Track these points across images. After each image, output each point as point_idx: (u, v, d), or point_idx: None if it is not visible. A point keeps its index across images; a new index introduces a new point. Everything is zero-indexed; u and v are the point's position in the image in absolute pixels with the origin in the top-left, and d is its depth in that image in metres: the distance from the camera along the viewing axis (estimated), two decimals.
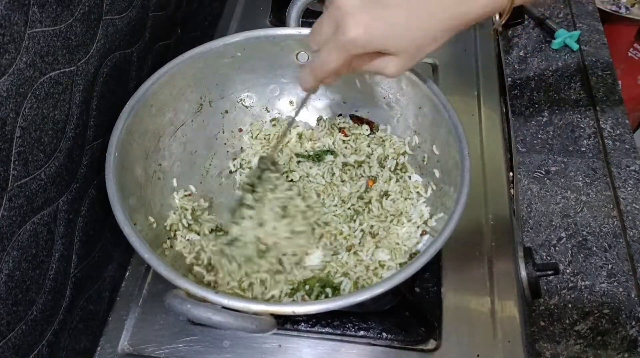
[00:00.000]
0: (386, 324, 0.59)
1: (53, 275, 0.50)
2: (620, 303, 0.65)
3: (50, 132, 0.47)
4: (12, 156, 0.42)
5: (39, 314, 0.48)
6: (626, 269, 0.68)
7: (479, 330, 0.58)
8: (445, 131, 0.58)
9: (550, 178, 0.77)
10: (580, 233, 0.71)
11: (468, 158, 0.53)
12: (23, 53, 0.42)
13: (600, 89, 0.88)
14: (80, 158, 0.53)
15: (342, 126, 0.71)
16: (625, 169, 0.78)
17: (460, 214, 0.50)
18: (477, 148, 0.74)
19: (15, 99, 0.42)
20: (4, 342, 0.43)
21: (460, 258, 0.63)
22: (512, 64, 0.92)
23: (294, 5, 0.65)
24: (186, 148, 0.67)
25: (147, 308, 0.60)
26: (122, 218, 0.49)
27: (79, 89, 0.51)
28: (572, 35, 0.95)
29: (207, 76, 0.65)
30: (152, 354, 0.57)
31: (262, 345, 0.57)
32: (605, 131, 0.83)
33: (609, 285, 0.67)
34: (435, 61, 0.86)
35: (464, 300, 0.60)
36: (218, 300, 0.43)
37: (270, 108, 0.73)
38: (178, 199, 0.64)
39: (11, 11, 0.40)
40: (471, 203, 0.51)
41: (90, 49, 0.53)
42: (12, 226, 0.43)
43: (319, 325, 0.59)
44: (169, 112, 0.63)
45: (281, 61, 0.68)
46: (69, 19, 0.48)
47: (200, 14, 0.89)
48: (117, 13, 0.58)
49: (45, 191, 0.47)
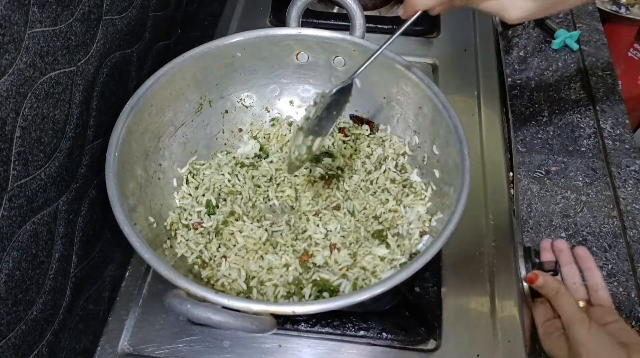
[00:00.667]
0: (386, 324, 0.59)
1: (53, 275, 0.50)
2: (620, 303, 0.65)
3: (50, 133, 0.47)
4: (12, 156, 0.42)
5: (39, 314, 0.48)
6: (626, 269, 0.68)
7: (479, 330, 0.58)
8: (445, 131, 0.58)
9: (550, 178, 0.77)
10: (580, 233, 0.71)
11: (468, 158, 0.53)
12: (23, 53, 0.42)
13: (600, 89, 0.88)
14: (80, 158, 0.53)
15: (342, 126, 0.71)
16: (625, 169, 0.78)
17: (460, 214, 0.50)
18: (477, 148, 0.74)
19: (15, 99, 0.42)
20: (4, 342, 0.43)
21: (460, 258, 0.63)
22: (512, 64, 0.92)
23: (294, 5, 0.65)
24: (186, 148, 0.67)
25: (147, 308, 0.60)
26: (122, 218, 0.49)
27: (79, 89, 0.51)
28: (572, 35, 0.95)
29: (207, 76, 0.65)
30: (152, 354, 0.57)
31: (262, 345, 0.57)
32: (605, 131, 0.83)
33: (609, 285, 0.67)
34: (435, 61, 0.86)
35: (464, 300, 0.60)
36: (218, 300, 0.43)
37: (270, 108, 0.73)
38: (178, 199, 0.64)
39: (11, 11, 0.40)
40: (471, 203, 0.51)
41: (90, 49, 0.53)
42: (12, 226, 0.43)
43: (319, 325, 0.59)
44: (169, 112, 0.63)
45: (281, 61, 0.68)
46: (69, 19, 0.48)
47: (200, 14, 0.89)
48: (117, 13, 0.58)
49: (45, 191, 0.47)
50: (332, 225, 0.62)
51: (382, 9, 0.98)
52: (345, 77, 0.69)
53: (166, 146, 0.64)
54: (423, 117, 0.64)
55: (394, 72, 0.64)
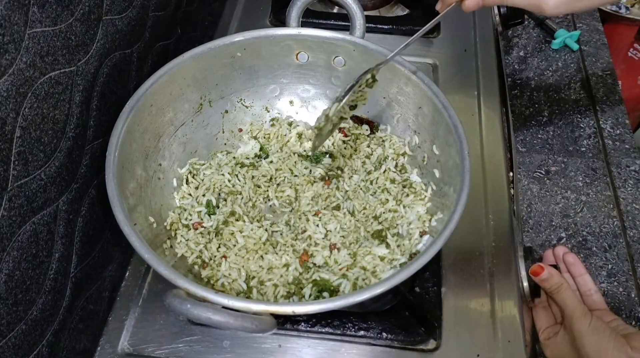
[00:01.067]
0: (386, 324, 0.59)
1: (53, 275, 0.50)
2: (620, 303, 0.65)
3: (50, 133, 0.47)
4: (12, 156, 0.42)
5: (39, 314, 0.48)
6: (626, 269, 0.68)
7: (479, 330, 0.58)
8: (445, 131, 0.58)
9: (550, 178, 0.77)
10: (580, 233, 0.71)
11: (468, 158, 0.54)
12: (23, 53, 0.42)
13: (600, 89, 0.88)
14: (80, 158, 0.53)
15: (342, 126, 0.71)
16: (625, 169, 0.78)
17: (460, 214, 0.50)
18: (477, 148, 0.74)
19: (15, 99, 0.42)
20: (4, 342, 0.43)
21: (460, 258, 0.63)
22: (512, 64, 0.92)
23: (294, 5, 0.65)
24: (186, 148, 0.67)
25: (147, 308, 0.60)
26: (122, 218, 0.49)
27: (79, 89, 0.51)
28: (572, 35, 0.95)
29: (207, 76, 0.65)
30: (152, 354, 0.57)
31: (262, 345, 0.57)
32: (605, 131, 0.83)
33: (609, 285, 0.67)
34: (435, 61, 0.86)
35: (464, 300, 0.60)
36: (218, 300, 0.43)
37: (270, 108, 0.73)
38: (178, 199, 0.64)
39: (11, 11, 0.40)
40: (471, 203, 0.51)
41: (90, 49, 0.53)
42: (12, 226, 0.43)
43: (319, 325, 0.59)
44: (169, 112, 0.63)
45: (281, 61, 0.69)
46: (69, 19, 0.48)
47: (200, 14, 0.89)
48: (117, 13, 0.58)
49: (45, 191, 0.47)
50: (332, 224, 0.62)
51: (382, 9, 0.98)
52: (346, 77, 0.69)
53: (166, 146, 0.63)
54: (423, 117, 0.64)
55: (394, 72, 0.64)
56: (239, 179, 0.67)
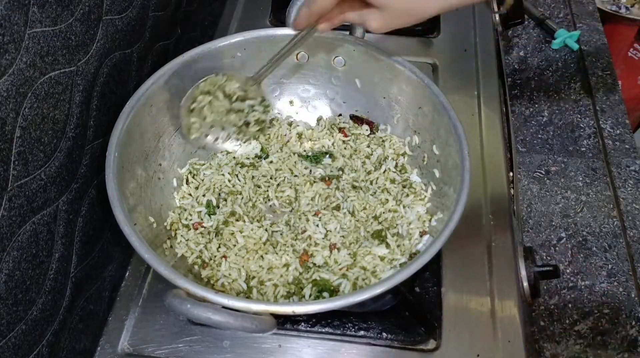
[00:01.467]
0: (386, 324, 0.59)
1: (53, 275, 0.50)
2: (620, 303, 0.65)
3: (50, 133, 0.47)
4: (12, 156, 0.42)
5: (39, 314, 0.48)
6: (626, 269, 0.68)
7: (479, 330, 0.58)
8: (445, 131, 0.58)
9: (550, 178, 0.77)
10: (580, 233, 0.71)
11: (468, 158, 0.54)
12: (23, 53, 0.42)
13: (600, 89, 0.88)
14: (80, 158, 0.53)
15: (342, 126, 0.71)
16: (625, 169, 0.78)
17: (460, 214, 0.50)
18: (477, 148, 0.74)
19: (15, 99, 0.42)
20: (4, 342, 0.43)
21: (460, 258, 0.63)
22: (512, 64, 0.92)
23: (294, 5, 0.65)
24: (186, 148, 0.67)
25: (147, 308, 0.60)
26: (122, 218, 0.49)
27: (79, 89, 0.51)
28: (572, 35, 0.95)
29: (207, 75, 0.65)
30: (152, 354, 0.57)
31: (262, 345, 0.57)
32: (605, 131, 0.83)
33: (609, 285, 0.67)
34: (435, 61, 0.86)
35: (464, 300, 0.60)
36: (218, 300, 0.43)
37: (270, 108, 0.73)
38: (178, 199, 0.64)
39: (11, 11, 0.40)
40: (471, 203, 0.51)
41: (90, 49, 0.53)
42: (12, 226, 0.43)
43: (319, 325, 0.59)
44: (169, 112, 0.63)
45: (281, 60, 0.68)
46: (69, 19, 0.48)
47: (200, 14, 0.89)
48: (117, 13, 0.58)
49: (45, 191, 0.47)
50: (332, 225, 0.62)
51: None
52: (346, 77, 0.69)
53: (166, 146, 0.64)
54: (423, 117, 0.64)
55: (394, 72, 0.64)
56: (239, 179, 0.67)
